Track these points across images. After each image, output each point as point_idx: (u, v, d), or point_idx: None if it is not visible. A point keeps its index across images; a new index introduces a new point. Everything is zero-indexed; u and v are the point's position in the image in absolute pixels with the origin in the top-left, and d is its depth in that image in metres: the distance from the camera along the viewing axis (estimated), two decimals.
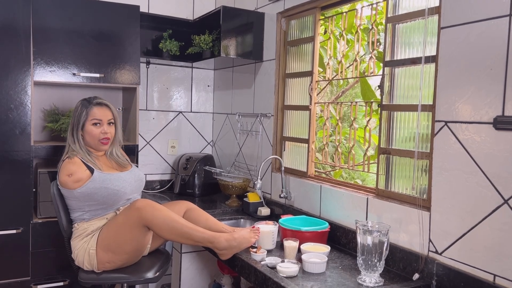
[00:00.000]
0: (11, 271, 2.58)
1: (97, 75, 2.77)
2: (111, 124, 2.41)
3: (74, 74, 2.71)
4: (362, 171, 2.49)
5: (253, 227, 2.18)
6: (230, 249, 2.06)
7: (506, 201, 1.52)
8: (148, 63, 3.35)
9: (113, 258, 2.19)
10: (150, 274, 2.24)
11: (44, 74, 2.64)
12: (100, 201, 2.26)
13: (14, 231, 2.56)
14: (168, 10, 3.33)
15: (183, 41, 3.23)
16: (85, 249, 2.20)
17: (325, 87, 3.60)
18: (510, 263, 1.51)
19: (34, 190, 2.63)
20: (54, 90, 3.01)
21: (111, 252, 2.18)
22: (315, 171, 2.63)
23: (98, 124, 2.34)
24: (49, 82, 2.69)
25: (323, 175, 2.86)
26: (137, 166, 2.91)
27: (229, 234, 2.10)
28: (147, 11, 3.25)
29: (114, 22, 2.82)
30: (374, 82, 3.20)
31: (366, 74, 2.80)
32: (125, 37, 2.85)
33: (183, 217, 2.30)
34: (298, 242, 2.04)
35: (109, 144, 2.40)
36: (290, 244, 2.02)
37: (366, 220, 2.07)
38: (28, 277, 2.61)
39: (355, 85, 3.83)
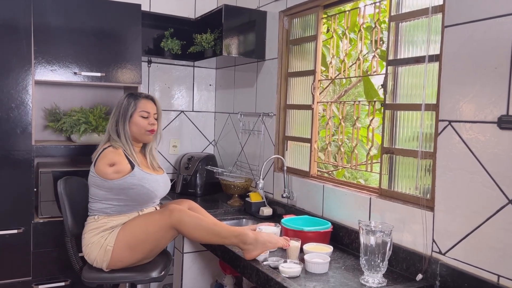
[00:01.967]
0: (12, 271, 2.57)
1: (98, 74, 2.76)
2: (155, 118, 2.40)
3: (75, 73, 2.70)
4: (365, 170, 2.48)
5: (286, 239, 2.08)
6: (256, 244, 1.99)
7: (510, 201, 1.50)
8: (149, 62, 3.34)
9: (128, 256, 2.15)
10: (155, 274, 2.22)
11: (45, 73, 2.63)
12: (132, 198, 2.23)
13: (15, 231, 2.56)
14: (169, 9, 3.32)
15: (185, 40, 3.22)
16: (101, 244, 2.16)
17: (327, 86, 3.58)
18: None
19: (35, 189, 2.62)
20: (55, 89, 3.01)
21: (129, 249, 2.15)
22: (318, 170, 2.62)
23: (146, 117, 2.34)
24: (50, 81, 2.69)
25: (326, 175, 2.85)
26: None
27: (256, 231, 2.14)
28: (148, 10, 3.24)
29: (116, 20, 2.81)
30: (377, 81, 3.19)
31: (369, 73, 2.78)
32: (127, 36, 2.84)
33: None
34: (300, 242, 2.03)
35: (153, 136, 2.39)
36: (293, 244, 2.01)
37: (369, 220, 2.05)
38: (29, 277, 2.61)
39: (358, 84, 3.81)
